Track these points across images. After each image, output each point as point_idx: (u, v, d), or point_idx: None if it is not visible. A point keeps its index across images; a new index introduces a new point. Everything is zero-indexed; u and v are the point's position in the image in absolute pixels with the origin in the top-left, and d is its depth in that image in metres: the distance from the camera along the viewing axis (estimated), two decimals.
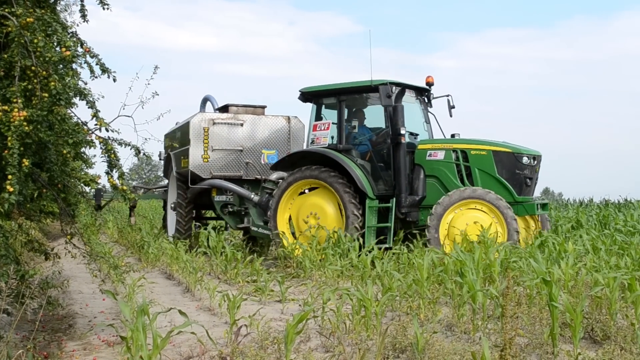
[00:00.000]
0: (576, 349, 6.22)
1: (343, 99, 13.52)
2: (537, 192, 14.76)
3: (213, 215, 18.34)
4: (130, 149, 7.53)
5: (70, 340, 7.54)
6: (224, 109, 16.40)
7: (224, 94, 78.32)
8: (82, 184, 8.10)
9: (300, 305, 9.03)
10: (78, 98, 7.11)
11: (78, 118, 7.39)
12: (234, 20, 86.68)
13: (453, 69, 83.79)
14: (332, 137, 13.76)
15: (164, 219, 19.36)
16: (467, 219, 12.27)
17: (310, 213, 13.36)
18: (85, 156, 8.29)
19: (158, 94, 7.95)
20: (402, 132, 12.78)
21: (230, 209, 15.72)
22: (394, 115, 12.91)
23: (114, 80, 7.38)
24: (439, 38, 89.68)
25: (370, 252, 11.12)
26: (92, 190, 11.46)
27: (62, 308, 9.13)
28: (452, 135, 13.73)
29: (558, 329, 6.46)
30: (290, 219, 13.81)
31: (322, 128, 13.70)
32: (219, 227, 17.48)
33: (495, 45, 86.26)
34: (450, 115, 13.91)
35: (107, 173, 7.31)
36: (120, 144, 7.28)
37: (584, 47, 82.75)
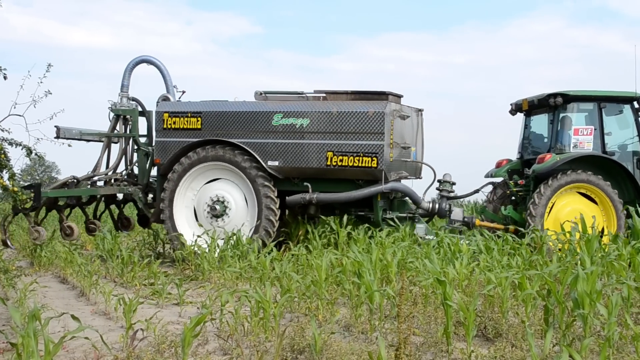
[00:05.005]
0: (469, 346, 6.38)
1: (604, 105, 13.91)
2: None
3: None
4: (22, 149, 7.34)
5: None
6: (381, 95, 13.48)
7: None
8: None
9: (198, 308, 8.95)
10: None
11: None
12: (130, 19, 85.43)
13: (351, 72, 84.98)
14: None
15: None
16: None
17: (574, 217, 13.14)
18: None
19: (51, 93, 7.78)
20: None
21: (390, 215, 14.02)
22: None
23: (4, 77, 7.20)
24: (337, 41, 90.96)
25: (269, 253, 11.13)
26: None
27: None
28: None
29: (452, 328, 6.63)
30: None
31: (585, 133, 13.82)
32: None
33: (392, 49, 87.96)
34: None
35: None
36: (10, 143, 7.09)
37: (477, 52, 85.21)
